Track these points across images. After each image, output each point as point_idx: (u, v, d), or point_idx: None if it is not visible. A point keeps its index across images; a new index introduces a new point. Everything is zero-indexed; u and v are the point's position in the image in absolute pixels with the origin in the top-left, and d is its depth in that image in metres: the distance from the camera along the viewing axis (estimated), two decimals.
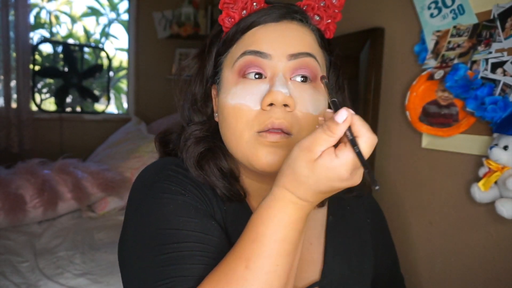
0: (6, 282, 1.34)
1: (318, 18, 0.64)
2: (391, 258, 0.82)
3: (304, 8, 0.63)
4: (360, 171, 0.46)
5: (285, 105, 0.56)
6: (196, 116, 0.68)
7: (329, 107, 0.60)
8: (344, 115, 0.43)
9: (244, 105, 0.57)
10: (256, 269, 0.46)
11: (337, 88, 0.68)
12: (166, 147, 0.70)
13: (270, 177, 0.56)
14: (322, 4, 0.63)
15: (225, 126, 0.60)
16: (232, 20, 0.61)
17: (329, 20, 0.64)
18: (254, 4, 0.61)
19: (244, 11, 0.61)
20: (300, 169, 0.45)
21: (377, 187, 0.40)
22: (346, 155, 0.43)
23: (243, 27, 0.60)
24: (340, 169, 0.44)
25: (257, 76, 0.58)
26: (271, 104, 0.56)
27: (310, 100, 0.58)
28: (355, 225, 0.74)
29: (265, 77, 0.58)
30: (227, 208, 0.63)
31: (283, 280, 0.48)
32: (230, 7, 0.61)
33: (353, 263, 0.69)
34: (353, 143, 0.42)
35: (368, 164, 0.42)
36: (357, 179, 0.46)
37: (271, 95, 0.55)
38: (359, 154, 0.42)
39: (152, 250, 0.53)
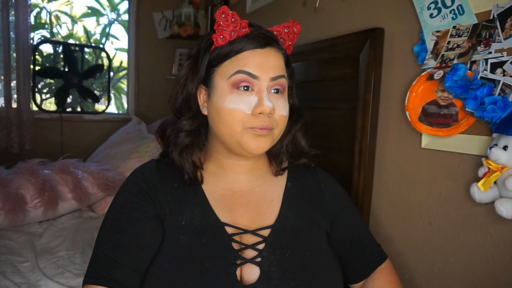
0: (7, 282, 1.34)
1: (282, 40, 0.87)
2: (350, 220, 0.96)
3: (275, 33, 0.85)
4: None
5: (269, 113, 0.78)
6: (187, 112, 0.86)
7: (291, 108, 0.88)
8: None
9: (239, 109, 0.78)
10: None
11: (291, 90, 0.91)
12: (167, 141, 0.88)
13: (241, 155, 0.83)
14: (286, 31, 0.87)
15: (221, 122, 0.80)
16: (224, 38, 0.80)
17: (290, 42, 0.88)
18: (242, 29, 0.80)
19: (233, 33, 0.80)
20: None
21: None
22: None
23: (237, 49, 0.79)
24: None
25: (245, 88, 0.79)
26: (260, 113, 0.77)
27: (282, 106, 0.82)
28: (309, 189, 0.94)
29: (253, 90, 0.79)
30: (182, 191, 0.84)
31: None
32: (223, 29, 0.80)
33: (305, 215, 0.88)
34: None
35: None
36: None
37: (261, 107, 0.77)
38: None
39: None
